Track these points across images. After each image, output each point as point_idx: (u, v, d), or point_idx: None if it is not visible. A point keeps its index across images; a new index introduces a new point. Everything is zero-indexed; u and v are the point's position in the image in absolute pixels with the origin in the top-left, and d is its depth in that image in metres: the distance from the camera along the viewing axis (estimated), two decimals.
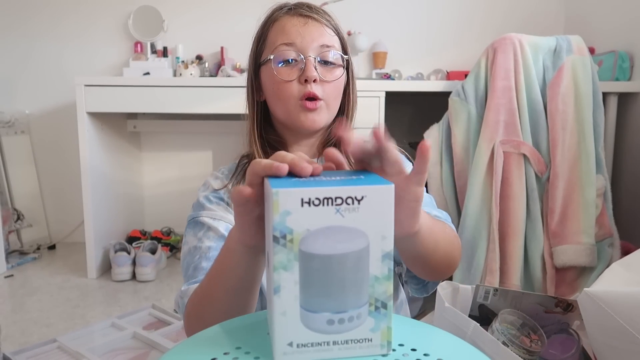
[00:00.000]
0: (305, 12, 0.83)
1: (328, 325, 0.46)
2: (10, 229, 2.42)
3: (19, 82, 2.60)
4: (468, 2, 2.56)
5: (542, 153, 1.69)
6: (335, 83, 0.83)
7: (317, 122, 0.82)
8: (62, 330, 1.62)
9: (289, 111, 0.82)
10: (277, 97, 0.83)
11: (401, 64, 2.54)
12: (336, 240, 0.44)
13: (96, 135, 2.16)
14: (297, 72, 0.81)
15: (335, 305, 0.46)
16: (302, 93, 0.80)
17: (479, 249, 1.65)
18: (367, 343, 0.47)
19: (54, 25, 2.57)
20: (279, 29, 0.83)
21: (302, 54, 0.80)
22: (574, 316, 1.16)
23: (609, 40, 2.12)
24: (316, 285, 0.45)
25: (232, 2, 2.55)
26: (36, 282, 2.09)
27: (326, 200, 0.43)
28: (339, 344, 0.47)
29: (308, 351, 0.46)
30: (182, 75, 2.30)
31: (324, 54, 0.82)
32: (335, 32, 0.85)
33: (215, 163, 2.68)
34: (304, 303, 0.45)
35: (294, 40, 0.80)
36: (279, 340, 0.45)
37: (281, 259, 0.44)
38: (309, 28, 0.82)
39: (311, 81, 0.80)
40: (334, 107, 0.86)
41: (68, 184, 2.61)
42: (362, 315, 0.47)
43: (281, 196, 0.43)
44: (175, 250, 2.49)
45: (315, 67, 0.80)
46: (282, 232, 0.43)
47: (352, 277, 0.46)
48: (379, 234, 0.45)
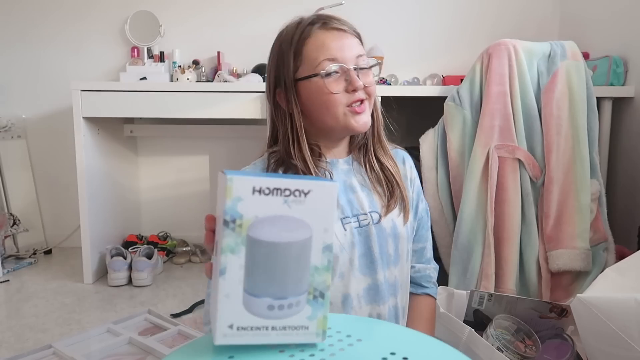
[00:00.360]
0: (337, 25, 0.90)
1: (268, 310, 0.48)
2: (6, 234, 2.41)
3: (15, 86, 2.60)
4: (464, 7, 2.58)
5: (537, 158, 1.70)
6: (374, 86, 0.92)
7: (367, 122, 0.91)
8: (58, 336, 1.62)
9: (338, 119, 0.89)
10: (327, 109, 0.89)
11: (397, 68, 2.55)
12: (282, 229, 0.47)
13: (93, 140, 2.16)
14: (342, 83, 0.88)
15: (277, 291, 0.48)
16: (351, 100, 0.88)
17: (474, 253, 1.66)
18: (304, 330, 0.49)
19: (50, 30, 2.57)
20: (318, 45, 0.88)
21: (345, 65, 0.87)
22: (569, 321, 1.16)
23: (603, 45, 2.13)
24: (260, 271, 0.47)
25: (228, 8, 2.56)
26: (32, 287, 2.09)
27: (276, 190, 0.46)
28: (277, 330, 0.49)
29: (247, 334, 0.48)
30: (178, 80, 2.30)
31: (360, 62, 0.89)
32: (359, 40, 0.93)
33: (212, 167, 2.69)
34: (248, 287, 0.47)
35: (335, 55, 0.87)
36: (220, 322, 0.47)
37: (229, 242, 0.46)
38: (345, 41, 0.89)
39: (359, 89, 0.88)
40: (372, 106, 0.95)
41: (64, 189, 2.60)
42: (300, 302, 0.49)
43: (235, 182, 0.46)
44: (172, 255, 2.48)
45: (358, 76, 0.88)
46: (233, 216, 0.46)
47: (294, 266, 0.48)
48: (322, 226, 0.48)
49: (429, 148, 1.85)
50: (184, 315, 1.78)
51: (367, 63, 0.90)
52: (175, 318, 1.74)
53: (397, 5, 2.58)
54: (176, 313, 1.79)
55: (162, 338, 1.57)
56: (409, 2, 2.58)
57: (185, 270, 2.33)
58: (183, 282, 2.15)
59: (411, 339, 0.56)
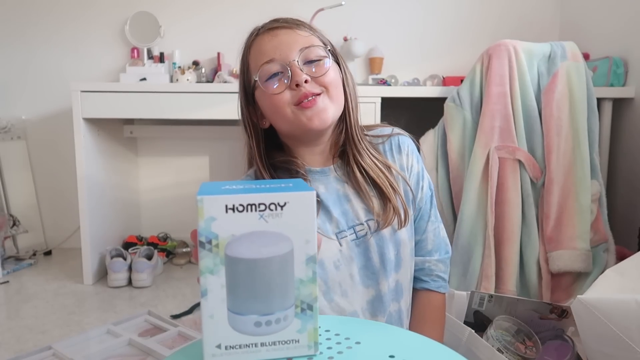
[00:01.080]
0: (272, 25, 0.85)
1: (255, 327, 0.48)
2: (6, 235, 2.41)
3: (15, 87, 2.60)
4: (464, 7, 2.58)
5: (537, 159, 1.70)
6: (328, 74, 0.83)
7: (321, 115, 0.82)
8: (58, 337, 1.61)
9: (290, 120, 0.82)
10: (275, 112, 0.83)
11: (397, 69, 2.55)
12: (261, 245, 0.46)
13: (92, 141, 2.16)
14: (285, 82, 0.82)
15: (262, 307, 0.48)
16: (297, 97, 0.81)
17: (474, 254, 1.66)
18: (295, 344, 0.49)
19: (50, 31, 2.57)
20: (256, 52, 0.85)
21: (283, 63, 0.81)
22: (569, 322, 1.16)
23: (604, 46, 2.13)
24: (243, 289, 0.47)
25: (228, 8, 2.56)
26: (32, 288, 2.08)
27: (250, 206, 0.45)
28: (267, 345, 0.48)
29: (237, 353, 0.48)
30: (178, 80, 2.30)
31: (304, 54, 0.82)
32: (308, 30, 0.86)
33: (212, 168, 2.68)
34: (231, 306, 0.47)
35: (272, 56, 0.82)
36: (207, 343, 0.47)
37: (207, 263, 0.46)
38: (281, 38, 0.83)
39: (302, 83, 0.80)
40: (338, 96, 0.85)
41: (64, 190, 2.60)
42: (288, 317, 0.48)
43: (205, 202, 0.45)
44: (171, 256, 2.48)
45: (301, 69, 0.81)
46: (208, 237, 0.45)
47: (277, 280, 0.47)
48: (303, 238, 0.47)
49: (429, 149, 1.85)
50: (184, 317, 1.78)
51: (315, 54, 0.83)
52: (175, 319, 1.74)
53: (398, 5, 2.58)
54: (176, 314, 1.79)
55: (162, 339, 1.57)
56: (409, 2, 2.58)
57: (185, 272, 2.33)
58: (183, 283, 2.15)
59: (410, 341, 0.56)
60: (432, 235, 0.96)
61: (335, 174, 0.89)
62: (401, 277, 0.90)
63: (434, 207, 0.97)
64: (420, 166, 0.95)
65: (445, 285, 0.98)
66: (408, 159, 0.94)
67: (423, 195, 0.94)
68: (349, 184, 0.88)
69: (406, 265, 0.91)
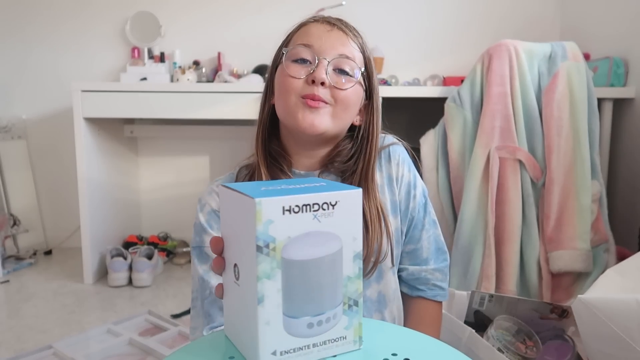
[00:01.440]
0: (333, 21, 0.83)
1: (308, 329, 0.48)
2: (6, 235, 2.41)
3: (16, 87, 2.60)
4: (464, 8, 2.58)
5: (538, 159, 1.70)
6: (346, 93, 0.79)
7: (315, 125, 0.78)
8: (58, 336, 1.61)
9: (288, 107, 0.79)
10: (281, 93, 0.80)
11: (398, 69, 2.55)
12: (313, 245, 0.46)
13: (93, 141, 2.16)
14: (307, 71, 0.79)
15: (314, 308, 0.47)
16: (305, 92, 0.78)
17: (474, 254, 1.66)
18: (342, 341, 0.49)
19: (51, 31, 2.57)
20: (302, 33, 0.82)
21: (317, 56, 0.78)
22: (569, 322, 1.16)
23: (604, 46, 2.13)
24: (297, 291, 0.46)
25: (229, 8, 2.56)
26: (32, 287, 2.08)
27: (305, 207, 0.45)
28: (318, 346, 0.48)
29: (290, 357, 0.47)
30: (179, 80, 2.30)
31: (340, 61, 0.79)
32: (360, 49, 0.82)
33: (212, 168, 2.68)
34: (286, 310, 0.46)
35: (313, 43, 0.79)
36: (263, 350, 0.46)
37: (265, 268, 0.44)
38: (332, 34, 0.80)
39: (318, 83, 0.77)
40: (341, 118, 0.81)
41: (65, 189, 2.60)
42: (337, 315, 0.49)
43: (264, 205, 0.43)
44: (172, 256, 2.48)
45: (326, 71, 0.78)
46: (266, 241, 0.44)
47: (328, 280, 0.48)
48: (350, 235, 0.48)
49: (429, 149, 1.85)
50: (184, 316, 1.78)
51: (349, 68, 0.79)
52: (175, 319, 1.74)
53: (398, 6, 2.58)
54: (176, 314, 1.79)
55: (163, 339, 1.58)
56: (410, 3, 2.58)
57: (186, 271, 2.33)
58: (183, 283, 2.15)
59: (413, 339, 0.56)
60: (426, 244, 0.92)
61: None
62: (384, 288, 0.88)
63: (428, 214, 0.93)
64: (411, 175, 0.92)
65: (444, 293, 0.94)
66: (398, 168, 0.91)
67: (416, 205, 0.91)
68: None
69: (388, 277, 0.88)
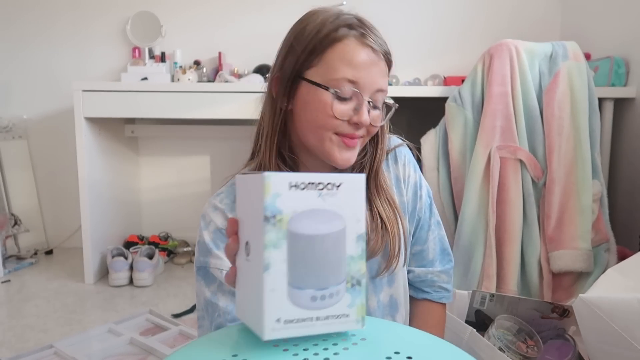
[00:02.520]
0: (373, 43, 0.77)
1: (312, 301, 0.50)
2: (7, 234, 2.42)
3: (17, 87, 2.61)
4: (465, 8, 2.58)
5: (539, 158, 1.70)
6: (376, 127, 0.81)
7: (350, 161, 0.80)
8: (59, 336, 1.62)
9: (323, 142, 0.78)
10: (316, 125, 0.78)
11: (398, 69, 2.55)
12: (319, 222, 0.49)
13: (94, 140, 2.16)
14: (350, 111, 0.76)
15: (318, 282, 0.50)
16: (345, 131, 0.77)
17: (475, 254, 1.66)
18: (345, 318, 0.51)
19: (52, 31, 2.58)
20: (344, 55, 0.75)
21: (360, 93, 0.76)
22: (570, 322, 1.16)
23: (605, 46, 2.13)
24: (302, 263, 0.49)
25: (230, 8, 2.56)
26: (33, 287, 2.09)
27: (310, 184, 0.49)
28: (321, 320, 0.50)
29: (293, 327, 0.49)
30: (180, 80, 2.30)
31: (377, 98, 0.78)
32: (388, 72, 0.81)
33: (213, 168, 2.69)
34: (291, 280, 0.49)
35: (358, 79, 0.75)
36: (268, 317, 0.48)
37: (271, 237, 0.48)
38: (375, 69, 0.77)
39: (362, 126, 0.77)
40: (363, 146, 0.83)
41: (65, 189, 2.61)
42: (340, 291, 0.51)
43: (272, 179, 0.47)
44: (172, 255, 2.48)
45: (368, 111, 0.77)
46: (273, 212, 0.47)
47: (332, 256, 0.50)
48: (354, 217, 0.50)
49: (430, 149, 1.86)
50: (185, 316, 1.78)
51: (381, 103, 0.79)
52: (176, 318, 1.75)
53: (398, 5, 2.59)
54: (177, 313, 1.79)
55: (163, 338, 1.58)
56: (410, 2, 2.59)
57: (186, 271, 2.33)
58: (184, 282, 2.15)
59: (416, 338, 0.56)
60: (432, 245, 0.93)
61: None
62: (395, 292, 0.88)
63: (433, 215, 0.94)
64: (417, 175, 0.93)
65: (449, 295, 0.95)
66: (405, 169, 0.92)
67: (422, 205, 0.92)
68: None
69: (399, 281, 0.89)
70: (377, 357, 0.50)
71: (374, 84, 0.77)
